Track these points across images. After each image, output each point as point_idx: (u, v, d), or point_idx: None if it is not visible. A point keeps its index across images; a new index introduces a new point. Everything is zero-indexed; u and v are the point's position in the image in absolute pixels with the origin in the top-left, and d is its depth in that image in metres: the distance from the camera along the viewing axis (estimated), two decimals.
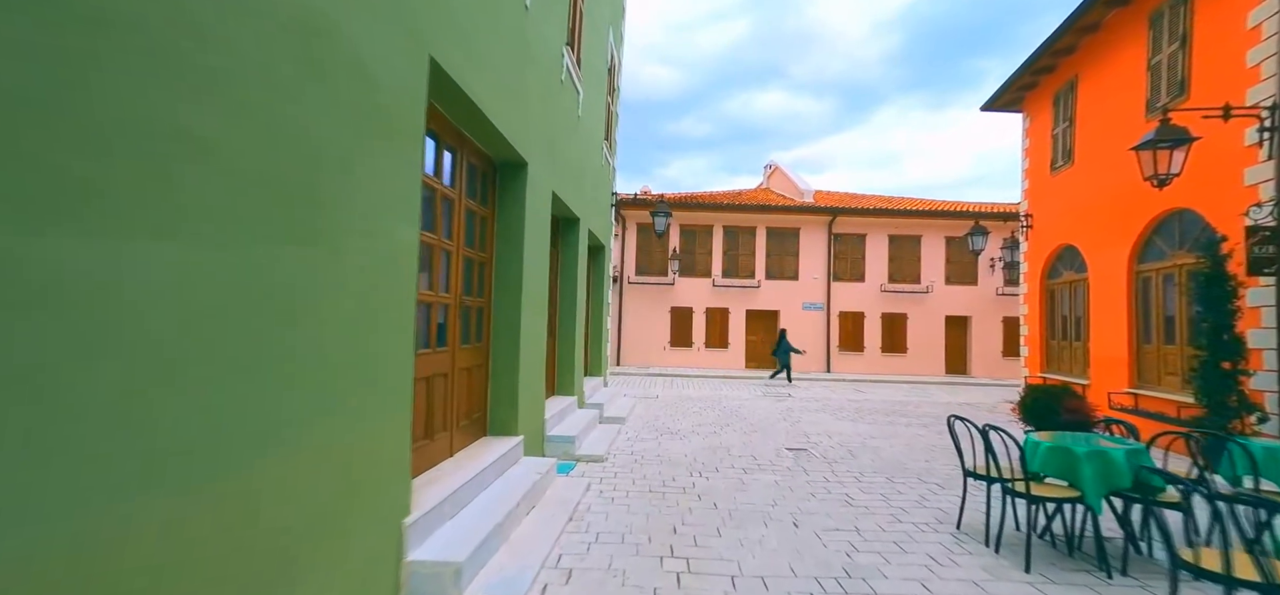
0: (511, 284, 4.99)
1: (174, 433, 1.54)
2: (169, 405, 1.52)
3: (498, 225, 5.02)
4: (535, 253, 5.44)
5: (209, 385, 1.66)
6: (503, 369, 4.95)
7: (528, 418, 5.26)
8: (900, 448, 7.27)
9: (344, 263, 2.30)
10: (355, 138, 2.38)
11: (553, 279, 7.50)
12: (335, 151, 2.24)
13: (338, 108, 2.24)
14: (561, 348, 7.67)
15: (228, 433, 1.73)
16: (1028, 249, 11.79)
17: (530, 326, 5.31)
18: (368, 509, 2.53)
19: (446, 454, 4.08)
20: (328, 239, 2.19)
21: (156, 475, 1.48)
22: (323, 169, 2.17)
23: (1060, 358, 10.64)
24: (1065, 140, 10.38)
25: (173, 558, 1.54)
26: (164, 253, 1.50)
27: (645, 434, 7.60)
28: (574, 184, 7.26)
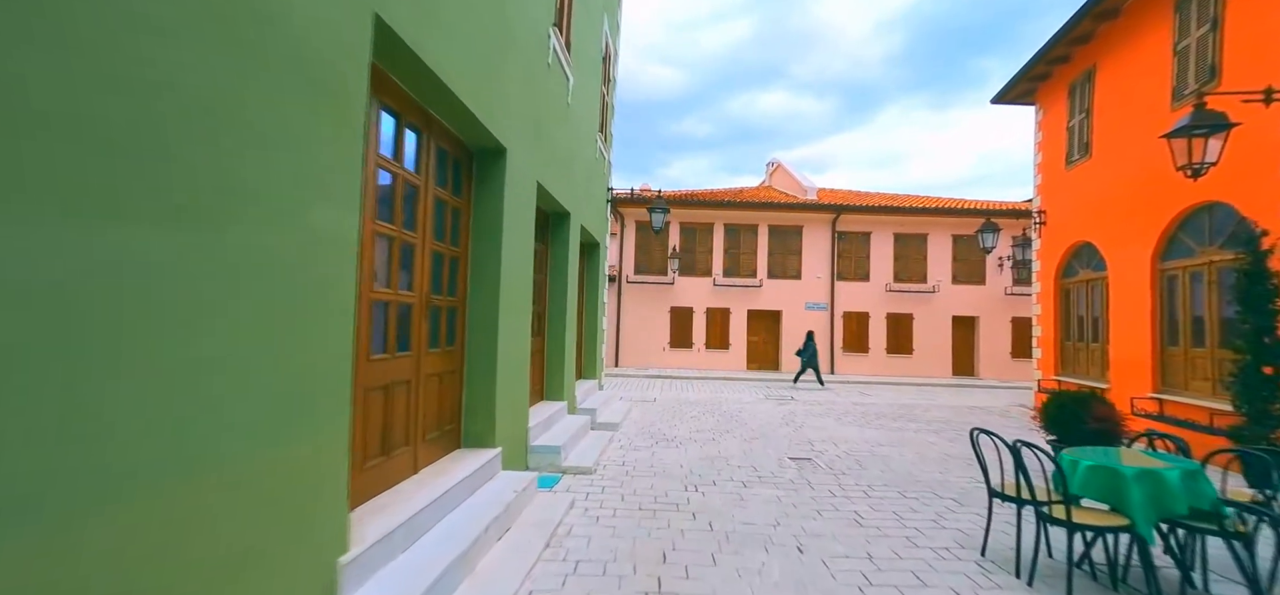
0: (488, 282, 4.55)
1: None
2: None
3: (474, 217, 4.58)
4: (517, 248, 5.00)
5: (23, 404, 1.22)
6: (478, 375, 4.52)
7: (507, 427, 4.82)
8: (911, 457, 6.82)
9: (244, 250, 1.87)
10: (264, 95, 1.94)
11: (542, 277, 7.06)
12: (231, 110, 1.80)
13: (235, 54, 1.81)
14: (550, 350, 7.23)
15: (55, 470, 1.30)
16: (1041, 247, 11.31)
17: (511, 328, 4.87)
18: (286, 551, 2.10)
19: (409, 471, 3.64)
20: (215, 220, 1.76)
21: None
22: (213, 133, 1.73)
23: (1076, 360, 10.17)
24: (1082, 132, 9.90)
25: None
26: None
27: (639, 442, 7.16)
28: (563, 176, 6.82)
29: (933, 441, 7.86)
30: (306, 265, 2.18)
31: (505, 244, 4.65)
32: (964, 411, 10.99)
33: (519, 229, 5.05)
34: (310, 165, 2.20)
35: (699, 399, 11.76)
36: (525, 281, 5.33)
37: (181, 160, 1.64)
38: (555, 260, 7.32)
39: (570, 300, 7.53)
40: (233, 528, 1.85)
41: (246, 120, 1.88)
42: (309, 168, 2.19)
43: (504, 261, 4.62)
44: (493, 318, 4.54)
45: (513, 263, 4.88)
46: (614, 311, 18.35)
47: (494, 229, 4.58)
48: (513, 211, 4.85)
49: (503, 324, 4.64)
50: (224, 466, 1.81)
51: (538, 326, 6.91)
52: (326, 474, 2.34)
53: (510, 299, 4.83)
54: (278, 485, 2.05)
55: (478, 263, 4.56)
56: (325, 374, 2.32)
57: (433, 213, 3.91)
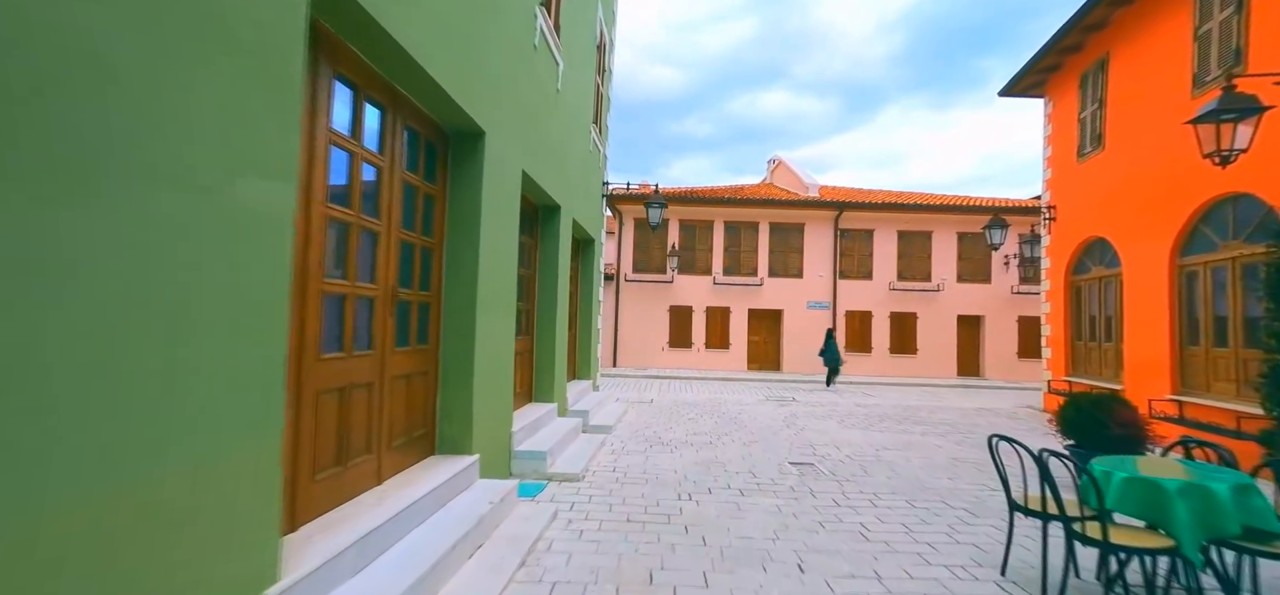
0: (465, 276, 4.22)
1: None
2: None
3: (449, 206, 4.25)
4: (499, 240, 4.67)
5: None
6: (454, 376, 4.18)
7: (487, 432, 4.49)
8: (918, 462, 6.47)
9: (139, 228, 1.54)
10: (165, 46, 1.61)
11: (530, 273, 6.73)
12: (119, 59, 1.47)
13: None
14: (539, 350, 6.90)
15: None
16: (1051, 243, 10.96)
17: (491, 326, 4.54)
18: (195, 584, 1.77)
19: (372, 482, 3.31)
20: (101, 190, 1.43)
21: None
22: (98, 86, 1.40)
23: (1088, 360, 9.82)
24: (1094, 124, 9.55)
25: None
26: None
27: (633, 445, 6.82)
28: (553, 166, 6.49)
29: (939, 445, 7.51)
30: (225, 246, 1.85)
31: (484, 235, 4.31)
32: (971, 414, 10.64)
33: (501, 220, 4.71)
34: (236, 133, 1.87)
35: (698, 400, 11.42)
36: (508, 277, 5.00)
37: (104, 138, 1.31)
38: (545, 255, 6.99)
39: (561, 298, 7.19)
40: (112, 568, 1.52)
41: (147, 76, 1.54)
42: (234, 136, 1.86)
43: (483, 254, 4.29)
44: (470, 315, 4.21)
45: (494, 256, 4.54)
46: (612, 311, 18.01)
47: (471, 219, 4.25)
48: (494, 200, 4.51)
49: (481, 322, 4.30)
50: (101, 492, 1.48)
51: (525, 325, 6.59)
52: (251, 493, 2.00)
53: (491, 295, 4.50)
54: (181, 511, 1.72)
55: (454, 255, 4.22)
56: (250, 375, 1.99)
57: (401, 199, 3.58)
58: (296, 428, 2.65)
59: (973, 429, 8.86)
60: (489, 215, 4.42)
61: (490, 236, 4.45)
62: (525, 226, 6.51)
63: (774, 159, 23.42)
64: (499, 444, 4.81)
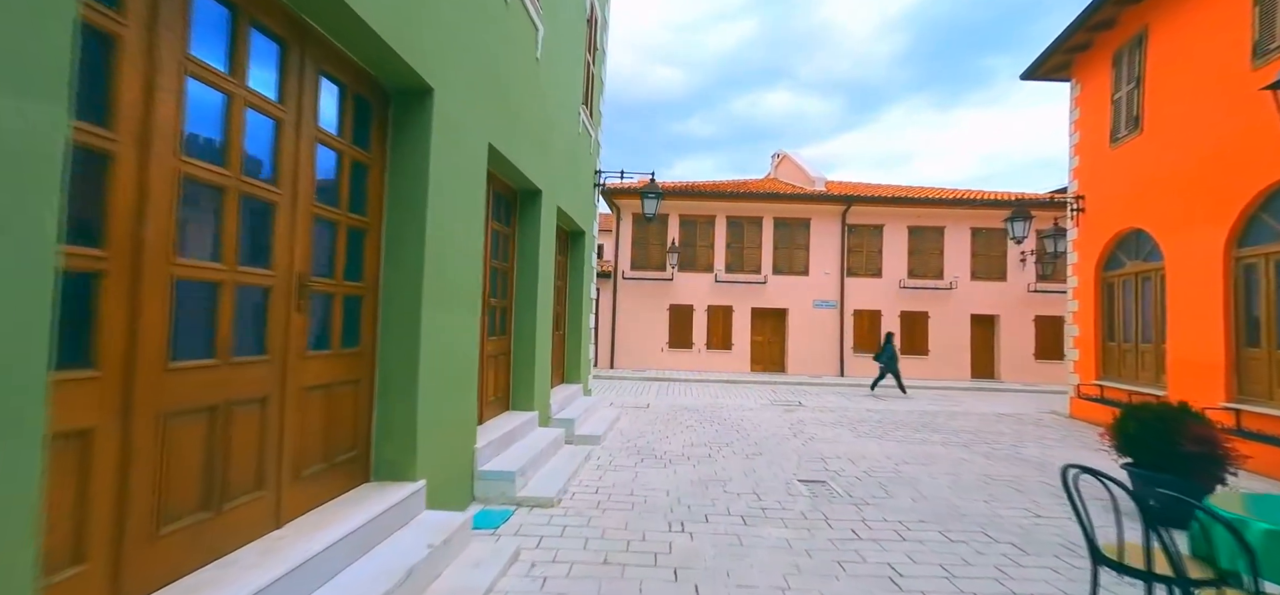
0: (408, 264, 3.47)
1: None
2: None
3: (390, 178, 3.50)
4: (455, 222, 3.92)
5: None
6: (395, 386, 3.44)
7: (439, 452, 3.74)
8: (944, 479, 5.70)
9: None
10: None
11: (505, 266, 5.99)
12: None
13: None
14: (518, 352, 6.15)
15: None
16: (1078, 237, 10.16)
17: (446, 325, 3.80)
18: None
19: (266, 526, 2.57)
20: None
21: None
22: None
23: (1122, 363, 9.02)
24: (1130, 105, 8.75)
25: None
26: None
27: (621, 459, 6.07)
28: (532, 144, 5.74)
29: (965, 458, 6.73)
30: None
31: (434, 216, 3.57)
32: (991, 420, 9.85)
33: (458, 199, 3.96)
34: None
35: (697, 405, 10.66)
36: (470, 267, 4.25)
37: None
38: (524, 246, 6.24)
39: (543, 294, 6.45)
40: None
41: None
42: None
43: (432, 238, 3.54)
44: (414, 311, 3.46)
45: (448, 241, 3.80)
46: (609, 310, 17.27)
47: (416, 194, 3.50)
48: (448, 174, 3.77)
49: (430, 319, 3.56)
50: None
51: (501, 324, 5.85)
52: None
53: (445, 288, 3.76)
54: None
55: (394, 238, 3.48)
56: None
57: (312, 163, 2.83)
58: (123, 466, 1.90)
59: (997, 438, 8.08)
60: (441, 191, 3.67)
61: (444, 217, 3.71)
62: (500, 213, 5.77)
63: (778, 153, 22.64)
64: (456, 465, 4.06)
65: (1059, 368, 16.14)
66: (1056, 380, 15.87)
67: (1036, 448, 7.50)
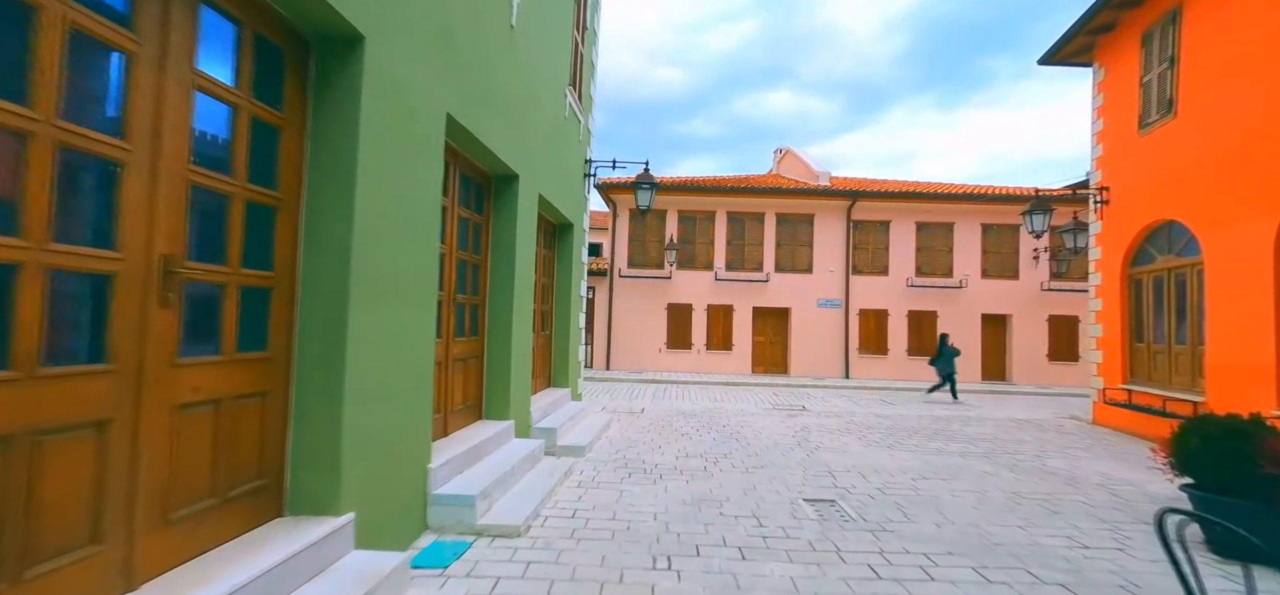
0: (332, 248, 2.85)
1: None
2: None
3: (310, 144, 2.88)
4: (399, 202, 3.31)
5: None
6: (314, 399, 2.81)
7: (373, 477, 3.12)
8: (968, 498, 5.07)
9: None
10: None
11: (477, 258, 5.37)
12: None
13: None
14: (492, 354, 5.53)
15: None
16: (1102, 231, 9.51)
17: (385, 325, 3.18)
18: None
19: (112, 589, 1.94)
20: None
21: None
22: None
23: (1152, 366, 8.37)
24: (1162, 88, 8.10)
25: None
26: None
27: (607, 475, 5.45)
28: (505, 122, 5.12)
29: (988, 472, 6.10)
30: None
31: (366, 193, 2.95)
32: (1009, 427, 9.21)
33: (403, 175, 3.34)
34: None
35: (695, 409, 10.03)
36: (420, 257, 3.63)
37: None
38: (499, 237, 5.62)
39: (522, 290, 5.82)
40: None
41: None
42: None
43: (362, 215, 2.92)
44: (339, 307, 2.84)
45: (387, 224, 3.18)
46: (605, 309, 16.65)
47: (343, 166, 2.88)
48: (388, 145, 3.15)
49: (363, 318, 2.94)
50: None
51: (471, 324, 5.23)
52: None
53: (382, 279, 3.14)
54: None
55: (316, 219, 2.86)
56: None
57: (186, 116, 2.21)
58: None
59: (1018, 447, 7.44)
60: (379, 165, 3.05)
61: (381, 196, 3.09)
62: (470, 199, 5.15)
63: (781, 148, 22.02)
64: (400, 491, 3.44)
65: (1074, 370, 15.49)
66: (1072, 382, 15.22)
67: (1062, 459, 6.86)
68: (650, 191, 8.91)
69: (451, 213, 4.71)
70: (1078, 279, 16.23)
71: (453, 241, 4.73)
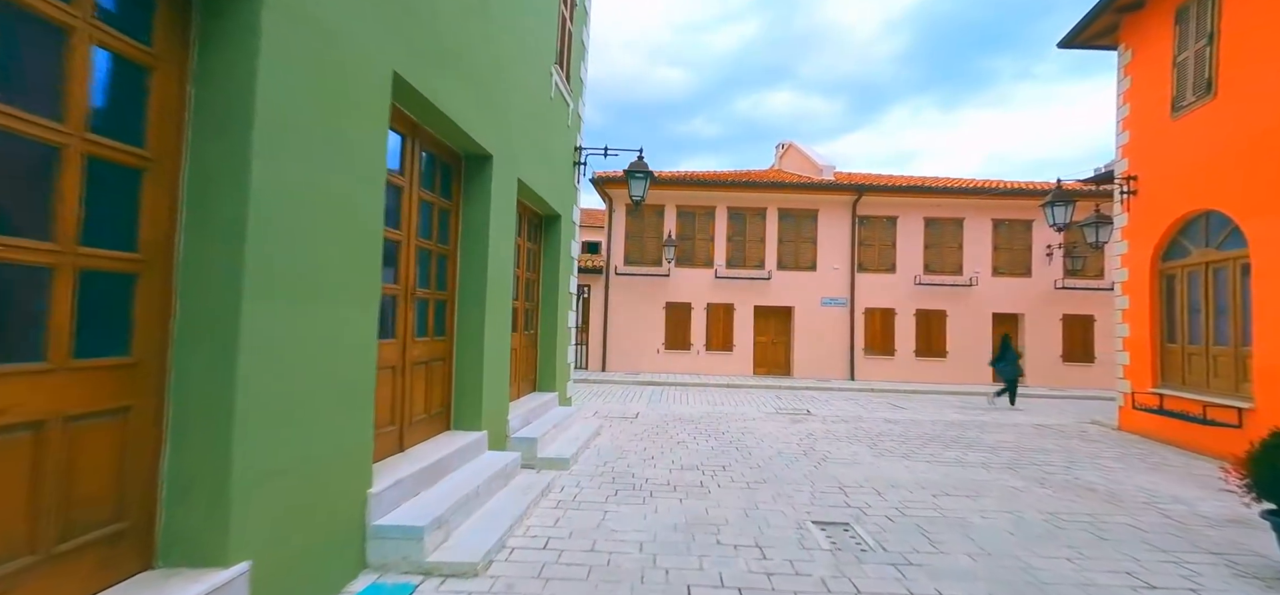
0: (221, 225, 2.25)
1: None
2: None
3: (193, 91, 2.27)
4: (323, 171, 2.70)
5: None
6: (196, 419, 2.21)
7: (284, 511, 2.51)
8: (1001, 520, 4.45)
9: None
10: None
11: (444, 249, 4.76)
12: None
13: None
14: (462, 356, 4.92)
15: None
16: (1129, 224, 8.88)
17: (295, 322, 2.57)
18: None
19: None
20: None
21: None
22: None
23: (1187, 368, 7.73)
24: (1200, 67, 7.46)
25: None
26: None
27: (590, 492, 4.83)
28: (474, 93, 4.51)
29: (1016, 487, 5.47)
30: None
31: (266, 154, 2.35)
32: (1029, 433, 8.58)
33: (327, 137, 2.74)
34: None
35: (693, 414, 9.41)
36: (354, 241, 3.02)
37: None
38: (470, 226, 5.00)
39: (498, 285, 5.21)
40: None
41: None
42: None
43: (264, 187, 2.32)
44: (229, 299, 2.23)
45: (304, 197, 2.58)
46: (601, 308, 16.04)
47: (235, 119, 2.27)
48: (303, 97, 2.54)
49: (264, 314, 2.33)
50: None
51: (435, 322, 4.62)
52: None
53: (295, 267, 2.53)
54: None
55: (200, 186, 2.25)
56: None
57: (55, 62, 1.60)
58: None
59: (1043, 457, 6.82)
60: (285, 113, 2.44)
61: (289, 157, 2.48)
62: (435, 180, 4.54)
63: (783, 143, 21.39)
64: (328, 524, 2.83)
65: (1090, 371, 14.86)
66: (1088, 384, 14.59)
67: (1095, 471, 6.24)
68: (644, 181, 8.29)
69: (410, 194, 4.10)
70: (1093, 277, 15.60)
71: (411, 227, 4.12)
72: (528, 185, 6.12)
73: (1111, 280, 15.25)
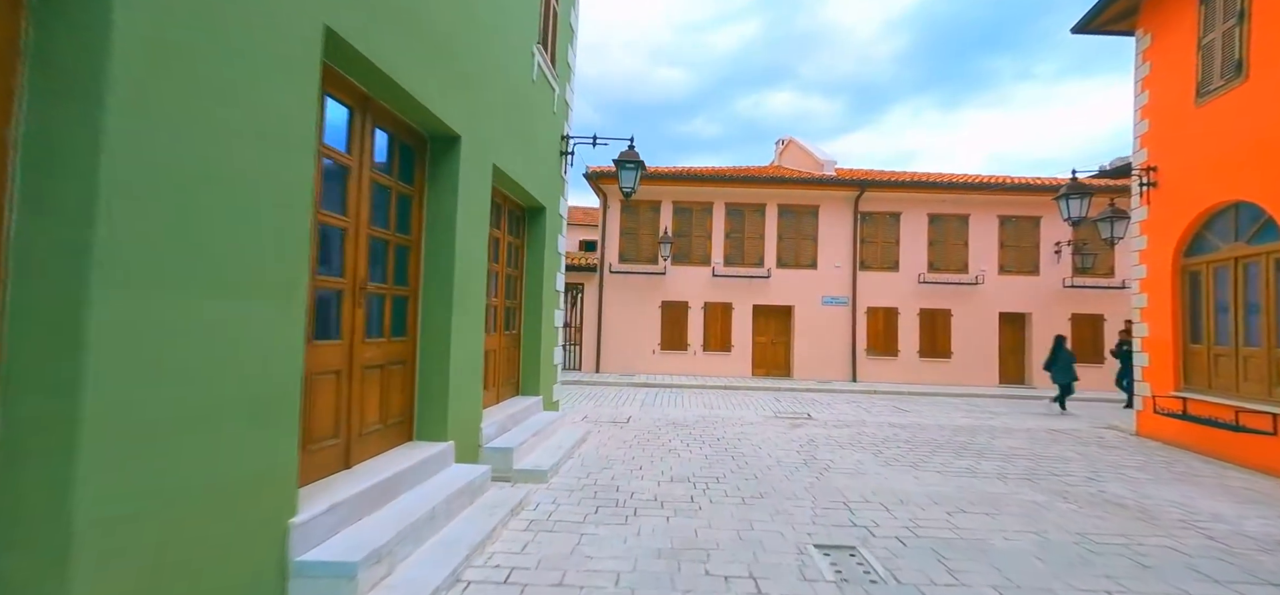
0: (61, 198, 1.76)
1: None
2: None
3: (32, 33, 1.79)
4: (210, 134, 2.22)
5: None
6: (30, 443, 1.73)
7: (166, 553, 2.03)
8: (1025, 542, 3.97)
9: None
10: None
11: (406, 239, 4.28)
12: None
13: None
14: (426, 358, 4.43)
15: None
16: (1148, 217, 8.39)
17: (170, 318, 2.10)
18: None
19: None
20: None
21: None
22: None
23: (1214, 371, 7.25)
24: (1229, 48, 6.98)
25: None
26: None
27: (567, 510, 4.35)
28: (437, 61, 4.03)
29: (1038, 502, 4.99)
30: None
31: (126, 112, 1.87)
32: (1042, 439, 8.10)
33: (209, 78, 2.26)
34: None
35: (688, 418, 8.93)
36: (272, 222, 2.54)
37: None
38: (436, 213, 4.52)
39: (467, 280, 4.73)
40: None
41: None
42: None
43: (122, 151, 1.84)
44: (72, 291, 1.75)
45: (185, 154, 2.10)
46: (595, 307, 15.56)
47: (85, 68, 1.79)
48: (186, 42, 2.06)
49: (121, 309, 1.86)
50: None
51: (395, 321, 4.14)
52: None
53: (167, 246, 2.05)
54: None
55: (36, 139, 1.77)
56: None
57: None
58: None
59: (1062, 466, 6.34)
60: (159, 68, 1.96)
61: (167, 119, 2.01)
62: (392, 163, 4.06)
63: (783, 139, 20.90)
64: (228, 565, 2.34)
65: (1099, 373, 14.36)
66: (1097, 386, 14.09)
67: (1121, 483, 5.76)
68: (635, 172, 7.80)
69: (360, 175, 3.62)
70: (1103, 275, 15.11)
71: (361, 213, 3.64)
72: (506, 173, 5.64)
73: (1122, 279, 14.80)
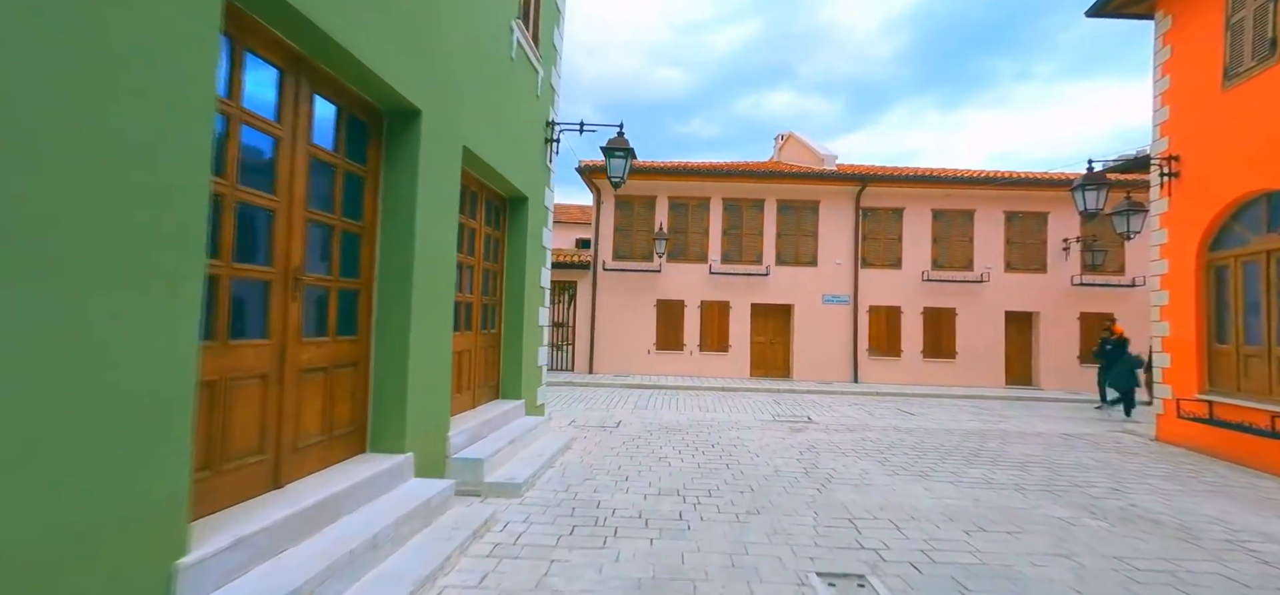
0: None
1: None
2: None
3: None
4: (59, 89, 1.73)
5: None
6: None
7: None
8: (1058, 569, 3.49)
9: None
10: None
11: (366, 226, 3.79)
12: None
13: None
14: (381, 360, 3.95)
15: None
16: (1169, 209, 7.91)
17: (19, 321, 1.60)
18: None
19: None
20: None
21: None
22: None
23: (1243, 372, 6.77)
24: (1260, 25, 6.50)
25: None
26: None
27: (537, 531, 3.86)
28: (389, 21, 3.55)
29: (1064, 518, 4.51)
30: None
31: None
32: (1057, 445, 7.63)
33: (57, 20, 1.77)
34: None
35: (682, 422, 8.45)
36: (166, 201, 2.05)
37: None
38: (393, 198, 4.03)
39: (429, 272, 4.25)
40: None
41: None
42: None
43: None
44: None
45: (34, 126, 1.60)
46: (588, 306, 15.07)
47: None
48: None
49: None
50: None
51: (349, 319, 3.65)
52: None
53: (16, 235, 1.56)
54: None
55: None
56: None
57: None
58: None
59: (1082, 475, 5.87)
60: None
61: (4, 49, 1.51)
62: (339, 138, 3.58)
63: (783, 135, 20.44)
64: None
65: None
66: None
67: (1150, 494, 5.28)
68: (624, 160, 7.31)
69: (292, 148, 3.14)
70: (1113, 272, 14.63)
71: (294, 193, 3.15)
72: (480, 157, 5.16)
73: (1133, 276, 14.32)
